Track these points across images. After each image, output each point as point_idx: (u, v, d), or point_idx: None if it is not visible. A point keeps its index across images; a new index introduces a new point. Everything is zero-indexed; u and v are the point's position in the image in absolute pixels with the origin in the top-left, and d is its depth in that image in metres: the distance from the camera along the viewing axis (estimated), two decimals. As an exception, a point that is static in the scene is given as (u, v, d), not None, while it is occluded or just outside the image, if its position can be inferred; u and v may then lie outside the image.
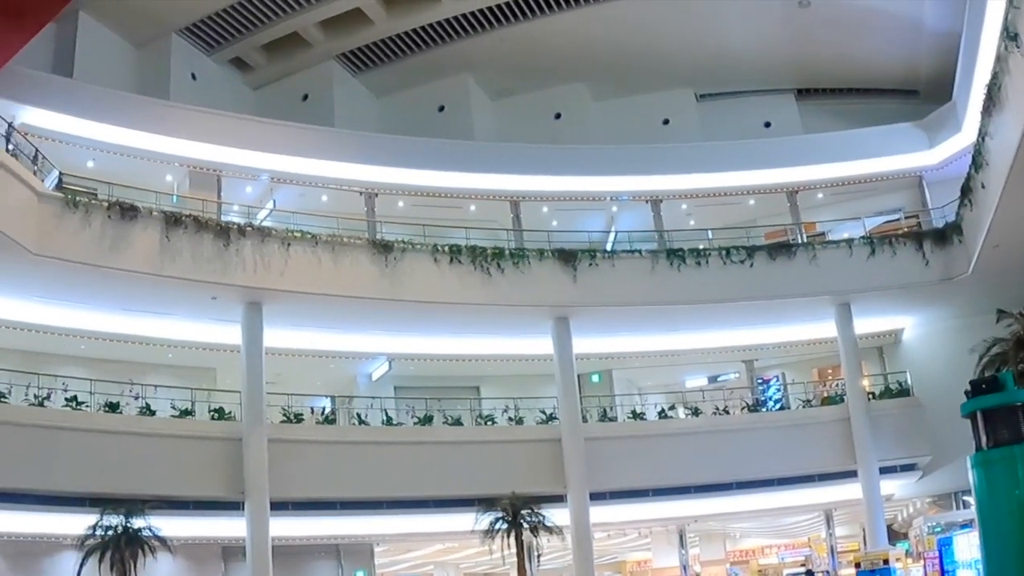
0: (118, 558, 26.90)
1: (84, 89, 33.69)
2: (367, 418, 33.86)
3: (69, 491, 28.17)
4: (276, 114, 39.21)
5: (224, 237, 30.79)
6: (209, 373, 35.12)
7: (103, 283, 29.47)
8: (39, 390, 28.94)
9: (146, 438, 29.71)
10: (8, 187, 26.78)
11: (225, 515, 30.44)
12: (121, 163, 33.16)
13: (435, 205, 37.35)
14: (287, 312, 32.20)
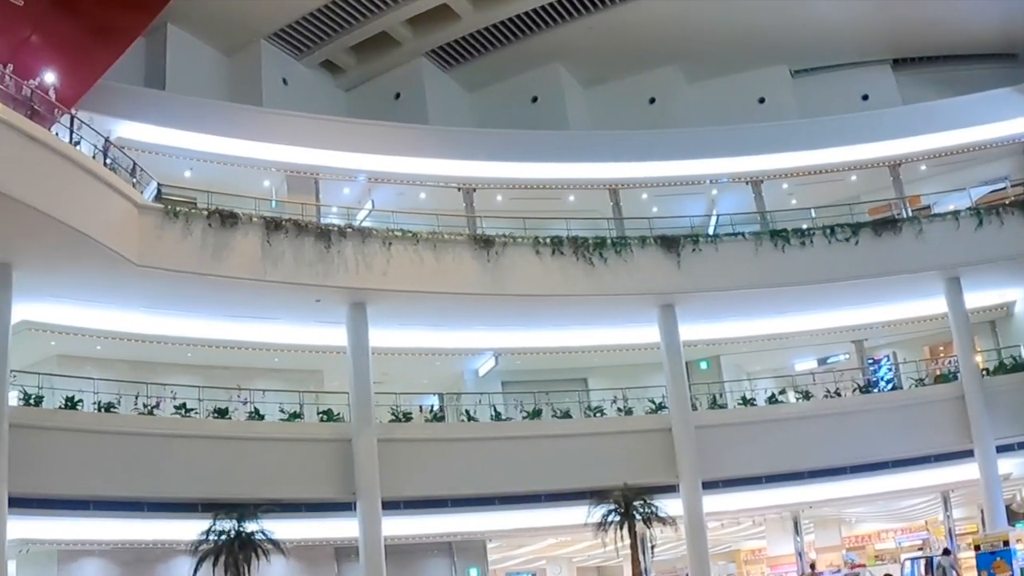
0: (231, 562, 27.18)
1: (177, 100, 34.13)
2: (475, 414, 33.73)
3: (181, 497, 28.40)
4: (369, 114, 39.46)
5: (325, 239, 30.84)
6: (316, 375, 35.26)
7: (207, 291, 29.69)
8: (148, 399, 29.22)
9: (256, 442, 29.94)
10: (108, 201, 27.09)
11: (337, 516, 30.48)
12: (218, 171, 33.54)
13: (534, 197, 37.18)
14: (391, 311, 32.17)
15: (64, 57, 28.94)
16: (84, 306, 29.71)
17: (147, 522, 28.38)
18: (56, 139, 25.96)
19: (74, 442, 27.30)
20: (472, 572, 33.92)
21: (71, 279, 27.79)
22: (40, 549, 28.20)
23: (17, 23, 27.88)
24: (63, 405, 27.91)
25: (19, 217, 24.12)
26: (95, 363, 31.56)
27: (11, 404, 26.26)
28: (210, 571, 27.36)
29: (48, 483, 26.48)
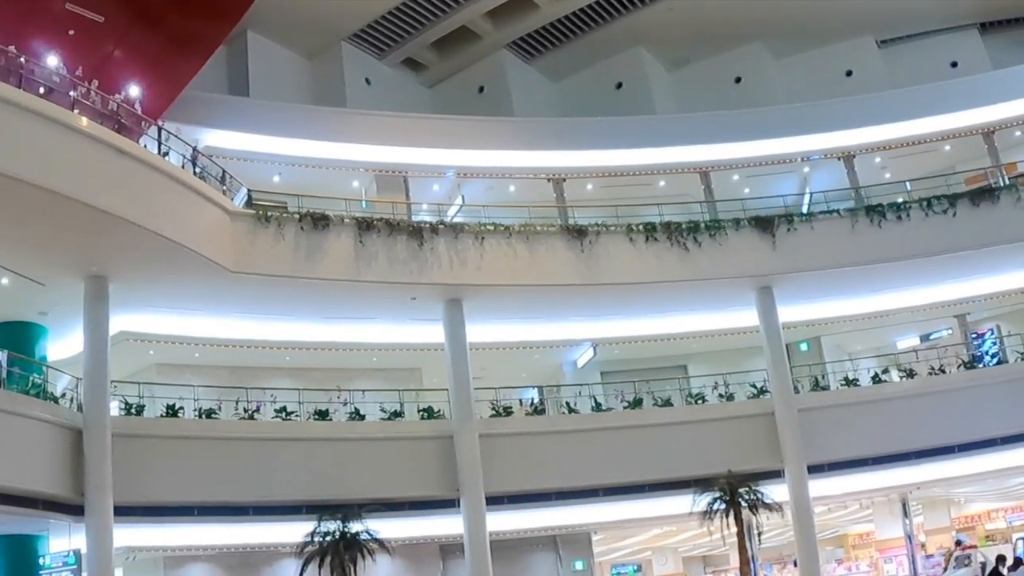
0: (337, 563, 27.02)
1: (262, 106, 34.37)
2: (576, 406, 33.14)
3: (285, 500, 28.39)
4: (453, 110, 39.28)
5: (417, 237, 30.63)
6: (415, 373, 35.04)
7: (302, 294, 29.69)
8: (248, 404, 29.23)
9: (358, 443, 29.84)
10: (200, 209, 27.23)
11: (441, 513, 30.25)
12: (306, 174, 33.60)
13: (624, 184, 36.67)
14: (487, 306, 31.85)
15: (147, 70, 29.22)
16: (181, 314, 29.92)
17: (252, 526, 28.41)
18: (145, 151, 26.16)
19: (176, 449, 27.49)
20: (578, 565, 33.42)
21: (167, 288, 27.97)
22: (146, 556, 28.49)
23: (99, 39, 28.25)
24: (164, 413, 28.03)
25: (113, 230, 24.38)
26: (194, 370, 31.65)
27: (113, 414, 26.47)
28: (316, 573, 27.26)
29: (152, 491, 26.62)
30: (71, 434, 25.41)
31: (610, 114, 39.29)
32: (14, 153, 22.04)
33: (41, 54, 25.38)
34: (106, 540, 24.89)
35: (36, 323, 28.92)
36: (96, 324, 26.46)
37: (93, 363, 26.18)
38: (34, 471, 24.24)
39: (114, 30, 28.45)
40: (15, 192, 22.24)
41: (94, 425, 25.50)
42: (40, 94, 23.87)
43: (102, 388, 25.98)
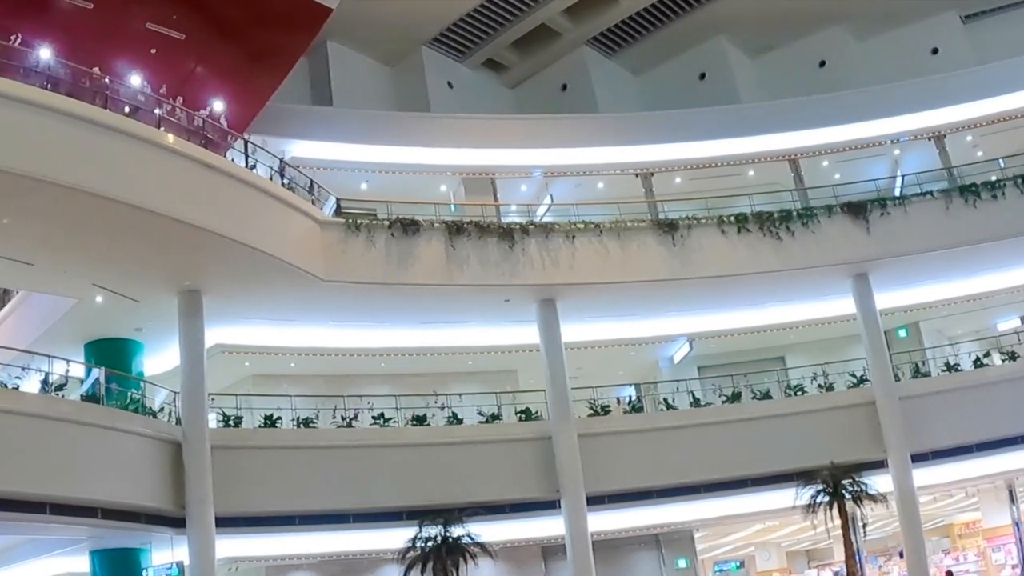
0: (440, 568, 26.78)
1: (346, 115, 34.20)
2: (674, 402, 32.52)
3: (386, 506, 28.18)
4: (537, 109, 38.90)
5: (508, 239, 30.23)
6: (511, 375, 34.62)
7: (395, 300, 29.54)
8: (346, 411, 29.10)
9: (456, 447, 29.50)
10: (290, 220, 27.24)
11: (542, 515, 29.81)
12: (394, 180, 33.55)
13: (713, 176, 35.98)
14: (581, 305, 31.32)
15: (230, 84, 29.28)
16: (275, 325, 29.98)
17: (353, 533, 28.31)
18: (233, 165, 26.36)
19: (275, 459, 27.55)
20: (681, 563, 32.79)
21: (260, 300, 28.03)
22: (248, 566, 28.67)
23: (181, 56, 28.51)
24: (262, 424, 28.06)
25: (205, 245, 24.51)
26: (290, 380, 31.69)
27: (211, 426, 26.66)
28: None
29: (252, 501, 26.71)
30: (171, 447, 25.57)
31: (694, 105, 38.60)
32: (104, 173, 22.22)
33: (125, 74, 25.57)
34: (208, 551, 25.00)
35: (132, 339, 29.19)
36: (192, 338, 26.61)
37: (190, 376, 26.35)
38: (135, 485, 24.39)
39: (195, 47, 28.64)
40: (107, 211, 22.44)
41: (193, 438, 25.68)
42: (126, 113, 24.16)
43: (200, 401, 26.15)
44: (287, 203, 27.27)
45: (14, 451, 21.84)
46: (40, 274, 25.58)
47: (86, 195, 21.78)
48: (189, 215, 23.54)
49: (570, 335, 31.41)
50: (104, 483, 23.46)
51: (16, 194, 21.39)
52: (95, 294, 26.42)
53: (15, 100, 21.19)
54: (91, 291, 26.27)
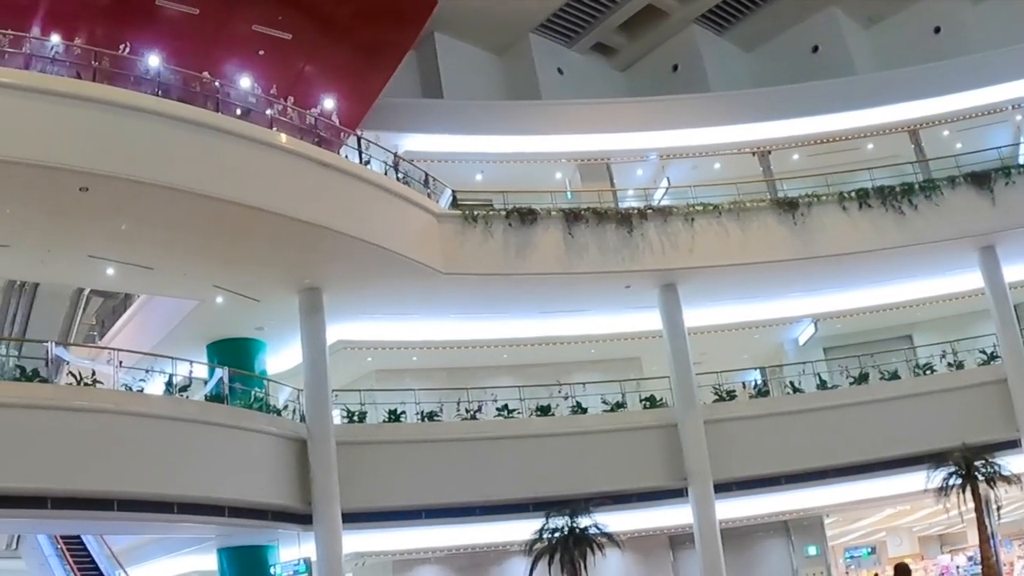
0: (567, 559, 26.29)
1: (457, 106, 33.96)
2: (800, 385, 31.38)
3: (511, 498, 27.75)
4: (648, 91, 38.00)
5: (626, 224, 29.45)
6: (634, 362, 33.95)
7: (514, 290, 29.10)
8: (469, 404, 28.74)
9: (581, 436, 28.85)
10: (407, 214, 27.00)
11: (669, 504, 29.07)
12: (508, 170, 33.03)
13: (831, 151, 34.52)
14: (702, 289, 30.43)
15: (340, 81, 29.23)
16: (396, 320, 29.84)
17: (479, 526, 28.08)
18: (347, 161, 26.23)
19: (400, 454, 27.35)
20: (811, 550, 31.71)
21: (380, 295, 27.86)
22: (375, 561, 28.87)
23: (290, 56, 28.62)
24: (386, 419, 27.87)
25: (323, 243, 24.46)
26: (413, 374, 31.57)
27: (335, 422, 26.58)
28: (545, 570, 26.69)
29: (378, 496, 26.53)
30: (296, 445, 25.55)
31: (808, 79, 37.12)
32: (220, 175, 22.36)
33: (234, 77, 25.63)
34: (335, 547, 24.95)
35: (254, 338, 29.49)
36: (313, 335, 26.64)
37: (313, 374, 26.35)
38: (262, 483, 24.48)
39: (303, 46, 28.67)
40: (225, 214, 22.61)
41: (318, 435, 25.64)
42: (237, 116, 24.27)
43: (323, 398, 26.09)
44: (403, 197, 27.03)
45: (141, 452, 22.15)
46: (161, 278, 25.83)
47: (203, 198, 21.90)
48: (306, 213, 23.49)
49: (693, 320, 30.60)
50: (231, 482, 23.55)
51: (133, 200, 21.65)
52: (216, 295, 26.61)
53: (128, 108, 21.45)
54: (212, 292, 26.47)
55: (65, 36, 23.10)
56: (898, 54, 39.32)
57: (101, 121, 21.07)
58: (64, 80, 21.69)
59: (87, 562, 30.94)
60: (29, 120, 20.32)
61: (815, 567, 31.39)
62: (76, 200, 21.19)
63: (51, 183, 20.63)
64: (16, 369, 22.49)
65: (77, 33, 24.32)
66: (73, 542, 31.34)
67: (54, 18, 24.47)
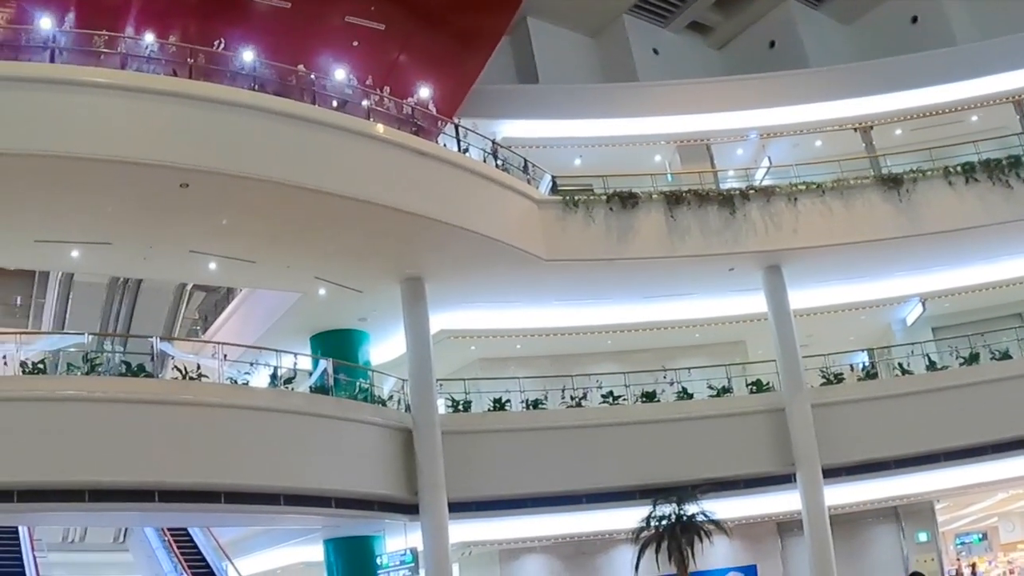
0: (674, 546, 25.78)
1: (553, 91, 33.27)
2: (909, 366, 30.04)
3: (617, 486, 27.12)
4: (745, 69, 36.52)
5: (728, 205, 28.39)
6: (739, 346, 32.96)
7: (617, 275, 28.30)
8: (574, 391, 28.08)
9: (686, 422, 27.98)
10: (508, 201, 26.52)
11: (776, 490, 28.10)
12: (607, 154, 32.37)
13: (935, 124, 33.05)
14: (807, 269, 29.29)
15: (435, 69, 28.80)
16: (498, 308, 29.40)
17: (585, 514, 27.57)
18: (446, 150, 25.90)
19: (505, 442, 26.97)
20: (921, 537, 30.37)
21: (482, 283, 27.46)
22: (481, 550, 28.85)
23: (384, 46, 28.37)
24: (491, 407, 27.47)
25: (425, 232, 24.21)
26: (517, 362, 31.20)
27: (440, 412, 26.38)
28: (652, 558, 26.13)
29: (484, 485, 26.25)
30: (401, 435, 25.35)
31: (908, 51, 35.51)
32: (319, 168, 22.19)
33: (329, 69, 25.44)
34: (442, 537, 24.75)
35: (357, 329, 29.28)
36: (417, 325, 26.42)
37: (417, 363, 26.13)
38: (368, 473, 24.37)
39: (396, 36, 28.41)
40: (325, 205, 22.44)
41: (423, 424, 25.41)
42: (334, 107, 24.19)
43: (428, 387, 25.90)
44: (503, 184, 26.49)
45: (248, 445, 22.39)
46: (263, 271, 25.78)
47: (302, 191, 21.77)
48: (407, 203, 23.19)
49: (798, 301, 29.55)
50: (336, 472, 23.47)
51: (233, 195, 21.71)
52: (318, 287, 26.47)
53: (226, 103, 21.51)
54: (314, 284, 26.33)
55: (159, 35, 23.16)
56: (999, 22, 37.47)
57: (199, 117, 21.06)
58: (161, 78, 21.74)
59: (194, 554, 31.15)
60: (128, 119, 20.42)
61: (926, 553, 30.03)
62: (177, 196, 21.25)
63: (151, 181, 20.72)
64: (122, 365, 22.70)
65: (171, 31, 24.50)
66: (180, 534, 31.63)
67: (147, 17, 24.57)
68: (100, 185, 20.78)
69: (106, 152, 19.75)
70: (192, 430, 21.67)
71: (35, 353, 22.55)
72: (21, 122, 19.56)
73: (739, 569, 29.99)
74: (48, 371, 22.01)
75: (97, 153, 19.76)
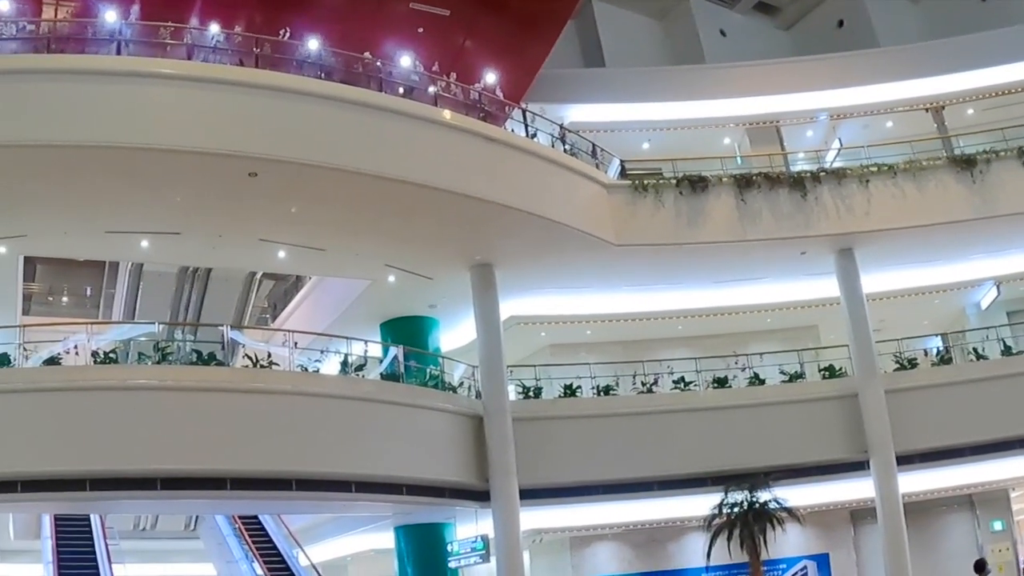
0: (747, 534, 25.16)
1: (620, 74, 32.74)
2: (983, 351, 29.13)
3: (689, 473, 26.50)
4: (814, 49, 35.83)
5: (799, 188, 27.62)
6: (811, 331, 32.14)
7: (687, 260, 27.76)
8: (645, 377, 27.53)
9: (758, 408, 27.29)
10: (577, 186, 26.05)
11: (849, 477, 27.27)
12: (675, 137, 31.70)
13: (1008, 103, 31.84)
14: (879, 253, 28.41)
15: (501, 55, 28.32)
16: (568, 293, 28.91)
17: (656, 501, 27.06)
18: (514, 136, 25.57)
19: (576, 429, 26.48)
20: (996, 525, 29.38)
21: (551, 269, 27.01)
22: (552, 538, 28.23)
23: (449, 32, 27.99)
24: (561, 394, 27.09)
25: (495, 218, 23.92)
26: (588, 348, 30.78)
27: (511, 398, 26.13)
28: (724, 546, 25.50)
29: (555, 472, 25.80)
30: (472, 422, 25.17)
31: (978, 29, 34.36)
32: (387, 155, 22.00)
33: (395, 56, 25.14)
34: (513, 524, 24.51)
35: (427, 316, 29.09)
36: (487, 311, 26.10)
37: (488, 350, 25.83)
38: (439, 460, 24.27)
39: (461, 21, 27.96)
40: (393, 192, 22.16)
41: (494, 411, 25.16)
42: (400, 94, 24.01)
43: (499, 374, 25.60)
44: (572, 169, 26.00)
45: (319, 432, 22.12)
46: (332, 259, 25.67)
47: (371, 178, 21.62)
48: (476, 190, 22.93)
49: (871, 285, 28.69)
50: (407, 460, 23.35)
51: (302, 183, 21.62)
52: (388, 274, 26.28)
53: (293, 92, 21.43)
54: (383, 271, 26.14)
55: (223, 25, 23.09)
56: (1076, -2, 36.61)
57: (267, 106, 21.01)
58: (228, 68, 21.80)
59: (264, 542, 30.97)
60: (196, 109, 20.44)
61: (1001, 543, 29.06)
62: (246, 185, 21.20)
63: (220, 170, 20.74)
64: (192, 353, 22.83)
65: (235, 21, 24.31)
66: (251, 522, 31.50)
67: (212, 8, 24.43)
68: (169, 175, 20.77)
69: (175, 143, 19.76)
70: (263, 418, 21.67)
71: (106, 343, 22.61)
72: (90, 115, 19.64)
73: (811, 557, 29.27)
74: (119, 361, 22.00)
75: (166, 144, 19.77)
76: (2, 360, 21.40)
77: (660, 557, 28.77)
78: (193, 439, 20.73)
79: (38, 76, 19.83)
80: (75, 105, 19.58)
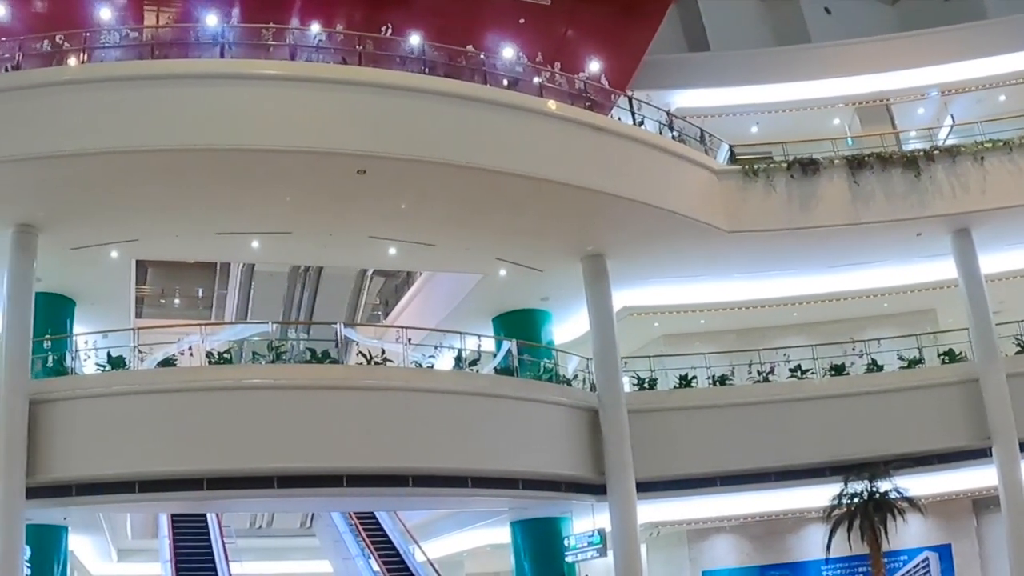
0: (867, 525, 24.39)
1: (725, 57, 31.88)
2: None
3: (807, 463, 25.64)
4: (921, 23, 34.09)
5: (913, 168, 26.38)
6: (929, 315, 30.79)
7: (800, 245, 26.75)
8: (761, 365, 26.71)
9: (876, 396, 26.09)
10: (686, 173, 25.30)
11: (972, 465, 25.99)
12: (783, 120, 30.96)
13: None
14: (998, 232, 27.03)
15: (604, 43, 27.75)
16: (680, 282, 28.21)
17: (774, 492, 26.31)
18: (621, 124, 24.93)
19: (692, 420, 25.84)
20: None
21: (662, 258, 26.36)
22: (669, 530, 28.02)
23: (550, 22, 27.73)
24: (676, 385, 26.36)
25: (605, 208, 23.30)
26: (702, 337, 30.12)
27: (626, 390, 25.47)
28: (844, 537, 24.74)
29: (671, 464, 25.11)
30: (587, 415, 24.63)
31: (1092, -5, 33.26)
32: (494, 148, 21.78)
33: (498, 48, 24.83)
34: (630, 517, 24.01)
35: (539, 309, 28.66)
36: (600, 302, 25.55)
37: (601, 341, 25.26)
38: (554, 454, 23.80)
39: (562, 11, 27.66)
40: (502, 185, 21.85)
41: (609, 403, 24.63)
42: (505, 86, 23.69)
43: (613, 366, 25.04)
44: (681, 156, 25.25)
45: (434, 428, 21.94)
46: (443, 254, 25.42)
47: (479, 171, 21.38)
48: (585, 180, 22.37)
49: (989, 266, 27.34)
50: (523, 454, 23.04)
51: (410, 179, 21.42)
52: (499, 268, 25.96)
53: (398, 88, 21.23)
54: (494, 265, 25.83)
55: (324, 25, 23.09)
56: None
57: (373, 104, 20.85)
58: (332, 67, 21.79)
59: (381, 538, 30.86)
60: (302, 109, 20.37)
61: None
62: (354, 183, 21.03)
63: (329, 169, 20.64)
64: (306, 352, 22.75)
65: (336, 20, 24.40)
66: (366, 518, 31.46)
67: (312, 8, 24.49)
68: (278, 176, 20.72)
69: (283, 143, 19.75)
70: (379, 414, 21.58)
71: (220, 343, 22.69)
72: (197, 118, 19.67)
73: (933, 548, 28.22)
74: (233, 361, 22.07)
75: (274, 144, 19.77)
76: (117, 363, 21.58)
77: (779, 549, 28.17)
78: (309, 437, 20.71)
79: (144, 82, 19.93)
80: (182, 109, 19.62)
